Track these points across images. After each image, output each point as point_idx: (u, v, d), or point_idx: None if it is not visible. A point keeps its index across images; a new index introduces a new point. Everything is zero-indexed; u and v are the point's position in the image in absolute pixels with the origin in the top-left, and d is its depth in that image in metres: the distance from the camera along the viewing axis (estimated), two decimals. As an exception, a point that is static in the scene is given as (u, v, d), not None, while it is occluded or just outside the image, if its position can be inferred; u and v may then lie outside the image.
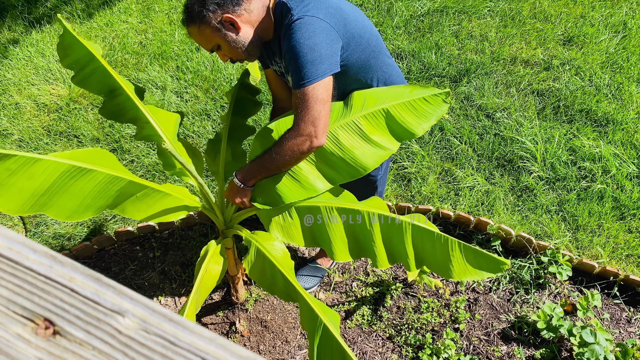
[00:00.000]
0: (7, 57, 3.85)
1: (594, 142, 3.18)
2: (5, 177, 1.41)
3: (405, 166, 3.12)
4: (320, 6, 1.57)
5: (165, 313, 0.34)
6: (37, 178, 1.47)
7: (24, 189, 1.45)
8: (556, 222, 2.84)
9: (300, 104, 1.55)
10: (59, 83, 3.68)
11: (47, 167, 1.48)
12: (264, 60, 1.93)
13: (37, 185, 1.47)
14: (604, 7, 4.04)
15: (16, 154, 1.42)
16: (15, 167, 1.42)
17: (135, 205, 1.73)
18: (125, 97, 1.89)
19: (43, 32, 4.03)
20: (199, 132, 3.34)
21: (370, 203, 1.73)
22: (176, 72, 3.70)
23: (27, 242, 0.37)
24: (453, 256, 1.60)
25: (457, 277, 1.62)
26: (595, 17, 3.96)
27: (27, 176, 1.45)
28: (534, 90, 3.51)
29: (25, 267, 0.36)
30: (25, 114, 3.50)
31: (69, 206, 1.54)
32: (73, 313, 0.34)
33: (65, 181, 1.52)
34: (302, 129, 1.56)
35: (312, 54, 1.50)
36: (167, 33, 3.96)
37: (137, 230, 2.86)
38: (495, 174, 3.08)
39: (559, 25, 3.92)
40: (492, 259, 1.57)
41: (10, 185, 1.43)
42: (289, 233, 1.81)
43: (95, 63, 1.86)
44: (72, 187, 1.54)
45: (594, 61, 3.63)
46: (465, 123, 3.33)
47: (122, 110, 1.91)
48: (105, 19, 4.09)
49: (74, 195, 1.55)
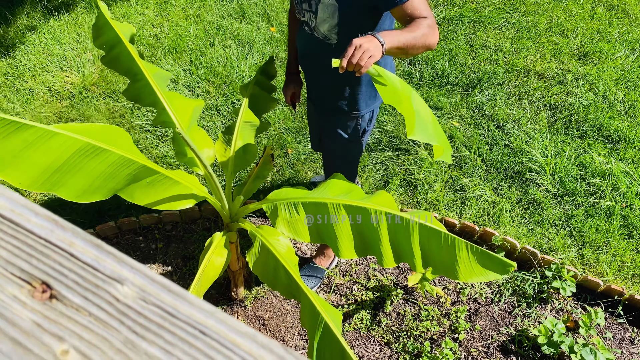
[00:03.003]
0: (24, 43, 3.88)
1: (604, 159, 3.15)
2: (20, 149, 1.40)
3: (412, 171, 3.10)
4: None
5: (165, 283, 0.33)
6: (53, 153, 1.46)
7: (38, 163, 1.44)
8: (562, 237, 2.82)
9: (418, 8, 1.62)
10: (73, 71, 3.70)
11: (63, 143, 1.47)
12: None
13: (51, 161, 1.46)
14: (621, 24, 4.02)
15: (34, 125, 1.42)
16: (32, 139, 1.42)
17: (145, 190, 1.73)
18: (145, 82, 1.89)
19: (60, 20, 4.06)
20: (208, 127, 3.35)
21: (378, 200, 1.72)
22: (189, 67, 3.71)
23: (30, 204, 0.37)
24: (460, 257, 1.58)
25: (462, 278, 1.61)
26: (612, 34, 3.94)
27: (42, 150, 1.44)
28: (546, 103, 3.49)
29: (26, 230, 0.35)
30: (38, 100, 3.52)
31: (79, 186, 1.54)
32: (71, 278, 0.33)
33: (79, 159, 1.52)
34: (436, 32, 1.63)
35: None
36: (183, 27, 3.97)
37: (141, 220, 2.86)
38: (503, 185, 3.06)
39: (574, 39, 3.90)
40: (499, 260, 1.56)
41: (25, 158, 1.42)
42: (295, 228, 1.80)
43: (121, 46, 1.88)
44: (85, 167, 1.53)
45: (609, 77, 3.61)
46: (475, 132, 3.31)
47: (142, 94, 1.92)
48: (123, 10, 4.11)
49: (86, 175, 1.54)
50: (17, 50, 3.83)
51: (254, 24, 4.01)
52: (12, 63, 3.75)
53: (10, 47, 3.85)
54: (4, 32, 3.96)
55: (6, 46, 3.86)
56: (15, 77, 3.66)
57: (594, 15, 4.09)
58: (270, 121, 3.37)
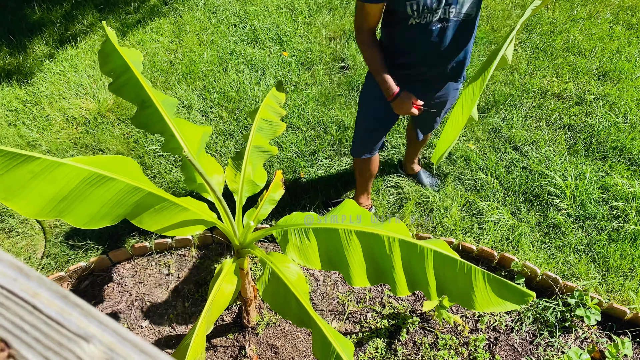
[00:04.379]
0: (42, 71, 3.95)
1: (627, 181, 3.05)
2: (27, 180, 1.41)
3: (427, 195, 3.04)
4: None
5: (135, 342, 0.29)
6: (59, 182, 1.46)
7: (45, 193, 1.45)
8: (585, 262, 2.72)
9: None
10: (89, 97, 3.75)
11: (69, 172, 1.48)
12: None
13: (57, 190, 1.46)
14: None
15: (40, 156, 1.42)
16: (38, 170, 1.42)
17: (153, 217, 1.71)
18: (153, 109, 1.89)
19: (78, 48, 4.13)
20: (222, 152, 3.34)
21: (390, 227, 1.67)
22: (203, 92, 3.73)
23: (-6, 250, 0.33)
24: (476, 286, 1.52)
25: (479, 307, 1.54)
26: (631, 53, 3.86)
27: (49, 180, 1.44)
28: (565, 124, 3.42)
29: (-14, 279, 0.31)
30: (54, 126, 3.56)
31: (87, 213, 1.53)
32: (32, 335, 0.30)
33: (86, 188, 1.51)
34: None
35: None
36: (197, 53, 4.01)
37: (154, 246, 2.84)
38: (522, 209, 2.98)
39: (593, 59, 3.83)
40: (517, 290, 1.49)
41: (32, 188, 1.43)
42: (306, 255, 1.76)
43: (129, 73, 1.88)
44: (92, 195, 1.53)
45: (630, 97, 3.53)
46: (492, 155, 3.24)
47: (150, 121, 1.92)
48: (138, 37, 4.17)
49: (93, 202, 1.54)
50: (35, 78, 3.90)
51: (267, 49, 4.03)
52: (30, 90, 3.81)
53: (28, 75, 3.92)
54: (23, 60, 4.04)
55: (25, 74, 3.94)
56: (33, 104, 3.72)
57: (612, 34, 4.03)
58: (282, 145, 3.35)
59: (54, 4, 4.52)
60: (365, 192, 2.90)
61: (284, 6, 4.41)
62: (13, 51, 4.13)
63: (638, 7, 4.23)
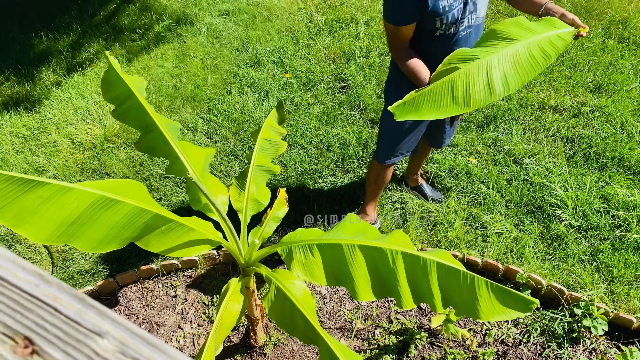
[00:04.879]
0: (49, 98, 4.04)
1: (627, 190, 3.07)
2: (37, 205, 1.44)
3: (431, 210, 3.07)
4: None
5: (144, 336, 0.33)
6: (68, 207, 1.49)
7: (54, 218, 1.48)
8: (589, 272, 2.73)
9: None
10: (95, 123, 3.83)
11: (78, 197, 1.51)
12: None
13: (66, 214, 1.49)
14: (633, 56, 4.00)
15: (49, 182, 1.46)
16: (47, 195, 1.46)
17: (160, 238, 1.75)
18: (158, 133, 1.94)
19: (84, 75, 4.23)
20: (227, 172, 3.39)
21: (394, 239, 1.70)
22: (207, 114, 3.80)
23: (18, 260, 0.37)
24: (480, 295, 1.54)
25: (484, 317, 1.56)
26: (624, 65, 3.92)
27: (58, 205, 1.47)
28: (563, 136, 3.46)
29: (12, 285, 0.35)
30: (61, 152, 3.63)
31: (95, 237, 1.56)
32: (53, 333, 0.33)
33: (94, 212, 1.55)
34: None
35: None
36: (200, 77, 4.09)
37: (160, 268, 2.87)
38: (525, 221, 3.00)
39: (587, 72, 3.89)
40: (520, 297, 1.51)
41: (42, 214, 1.46)
42: (311, 271, 1.78)
43: (133, 99, 1.94)
44: (100, 218, 1.56)
45: (625, 108, 3.57)
46: (493, 168, 3.28)
47: (155, 145, 1.97)
48: (143, 63, 4.27)
49: (100, 226, 1.57)
50: (42, 105, 3.98)
51: (269, 71, 4.11)
52: (38, 118, 3.89)
53: (36, 103, 4.01)
54: (30, 89, 4.14)
55: (32, 102, 4.03)
56: (41, 130, 3.80)
57: (605, 48, 4.09)
58: (286, 163, 3.40)
59: (61, 34, 4.64)
60: (374, 202, 2.95)
61: (285, 30, 4.51)
62: (21, 80, 4.23)
63: (629, 21, 4.31)
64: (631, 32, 4.21)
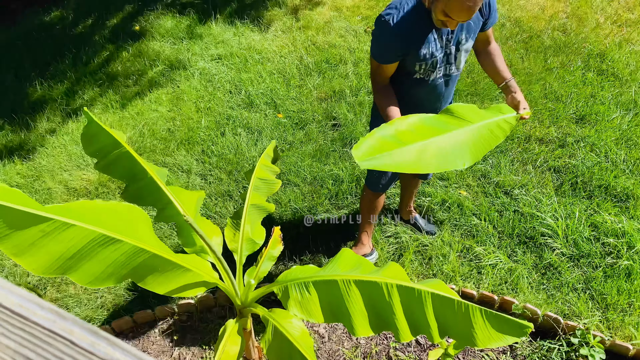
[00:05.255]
0: (43, 146, 4.09)
1: (615, 218, 3.13)
2: (38, 238, 1.47)
3: (425, 243, 3.10)
4: None
5: (153, 363, 0.36)
6: (68, 242, 1.52)
7: (53, 251, 1.50)
8: (584, 300, 2.75)
9: (491, 33, 2.32)
10: (90, 169, 3.87)
11: (78, 233, 1.54)
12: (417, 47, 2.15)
13: (66, 249, 1.52)
14: (613, 87, 4.14)
15: (53, 217, 1.48)
16: (49, 229, 1.48)
17: (157, 279, 1.76)
18: (147, 181, 1.98)
19: (79, 122, 4.30)
20: (221, 213, 3.42)
21: (388, 272, 1.73)
22: (201, 156, 3.86)
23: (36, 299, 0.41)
24: (475, 323, 1.56)
25: (481, 344, 1.58)
26: (605, 96, 4.05)
27: (58, 240, 1.50)
28: (550, 167, 3.54)
29: (32, 322, 0.39)
30: (55, 199, 3.66)
31: (92, 272, 1.58)
32: (71, 364, 0.37)
33: (93, 248, 1.57)
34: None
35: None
36: (194, 120, 4.18)
37: (156, 312, 2.86)
38: (518, 251, 3.04)
39: (569, 104, 4.01)
40: (515, 322, 1.54)
41: (41, 247, 1.48)
42: (308, 309, 1.80)
43: (120, 149, 1.98)
44: (99, 255, 1.58)
45: (608, 138, 3.67)
46: (484, 200, 3.34)
47: (144, 193, 2.00)
48: (137, 108, 4.36)
49: (99, 262, 1.59)
50: (37, 153, 4.03)
51: (262, 112, 4.20)
52: (32, 165, 3.93)
53: (30, 151, 4.06)
54: (25, 137, 4.20)
55: (27, 150, 4.08)
56: (35, 178, 3.83)
57: (585, 80, 4.23)
58: (280, 202, 3.45)
59: (55, 82, 4.74)
60: (369, 231, 3.00)
61: (276, 72, 4.64)
62: (15, 129, 4.29)
63: (606, 54, 4.48)
64: (609, 64, 4.37)
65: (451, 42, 2.16)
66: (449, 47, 2.18)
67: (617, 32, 4.75)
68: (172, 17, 5.43)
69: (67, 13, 5.80)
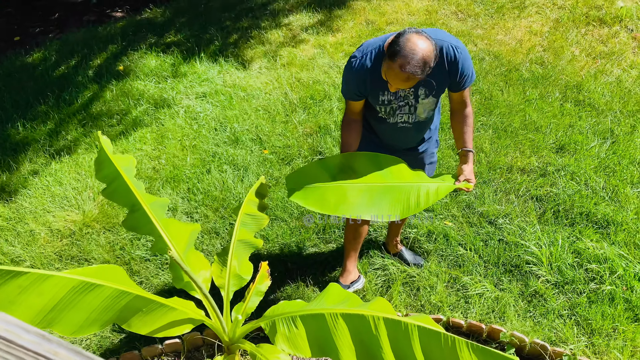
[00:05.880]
0: (26, 187, 4.06)
1: (597, 244, 3.18)
2: (15, 295, 1.46)
3: (413, 275, 3.11)
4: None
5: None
6: (47, 294, 1.51)
7: (33, 306, 1.49)
8: (570, 326, 2.76)
9: (468, 93, 2.37)
10: (74, 209, 3.84)
11: (57, 283, 1.53)
12: (376, 93, 2.29)
13: (46, 302, 1.51)
14: (590, 117, 4.27)
15: (28, 271, 1.48)
16: (26, 284, 1.47)
17: (141, 319, 1.75)
18: (142, 212, 1.99)
19: (62, 162, 4.29)
20: (208, 250, 3.41)
21: (375, 306, 1.73)
22: (187, 194, 3.86)
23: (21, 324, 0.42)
24: (462, 357, 1.56)
25: None
26: (583, 126, 4.17)
27: (37, 293, 1.49)
28: (532, 196, 3.60)
29: (19, 345, 0.40)
30: (39, 241, 3.61)
31: (75, 321, 1.57)
32: (57, 385, 0.38)
33: (74, 297, 1.56)
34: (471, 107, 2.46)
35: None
36: (179, 158, 4.20)
37: (143, 353, 2.80)
38: (504, 280, 3.06)
39: (549, 134, 4.12)
40: (501, 356, 1.54)
41: (20, 303, 1.47)
42: (295, 344, 1.79)
43: (119, 180, 2.01)
44: (80, 303, 1.58)
45: (587, 166, 3.76)
46: (469, 230, 3.37)
47: (139, 223, 2.02)
48: (122, 147, 4.37)
49: (81, 310, 1.58)
50: (19, 195, 4.00)
51: (248, 148, 4.24)
52: (14, 207, 3.89)
53: (12, 193, 4.03)
54: (7, 179, 4.17)
55: (9, 192, 4.04)
56: (17, 220, 3.79)
57: (563, 111, 4.36)
58: (268, 237, 3.44)
59: (38, 123, 4.74)
60: (354, 258, 3.01)
61: (262, 108, 4.70)
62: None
63: (582, 85, 4.63)
64: (585, 95, 4.52)
65: (411, 96, 2.28)
66: (408, 99, 2.30)
67: (592, 64, 4.93)
68: (156, 57, 5.52)
69: (50, 54, 5.86)
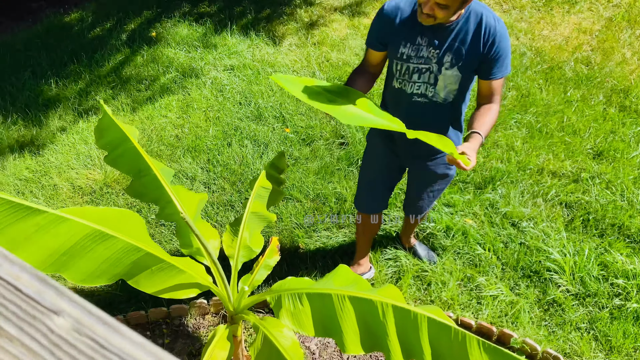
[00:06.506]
0: (53, 143, 4.10)
1: (627, 259, 3.04)
2: (32, 232, 1.45)
3: (425, 269, 3.03)
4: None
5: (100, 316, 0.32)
6: (62, 237, 1.50)
7: (47, 246, 1.48)
8: (587, 341, 2.65)
9: (499, 89, 2.05)
10: (96, 168, 3.86)
11: (72, 227, 1.52)
12: (399, 38, 2.05)
13: (60, 244, 1.50)
14: (635, 124, 4.06)
15: (47, 210, 1.47)
16: (43, 223, 1.47)
17: (150, 278, 1.73)
18: (151, 177, 1.96)
19: (89, 122, 4.31)
20: (222, 222, 3.38)
21: (385, 292, 1.67)
22: (207, 165, 3.84)
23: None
24: (471, 354, 1.50)
25: None
26: (626, 133, 3.98)
27: (52, 234, 1.48)
28: (562, 201, 3.46)
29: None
30: (61, 195, 3.64)
31: (85, 270, 1.56)
32: (11, 310, 0.33)
33: (87, 244, 1.55)
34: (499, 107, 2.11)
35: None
36: (202, 128, 4.17)
37: (149, 315, 2.80)
38: (521, 284, 2.96)
39: (587, 139, 3.94)
40: (512, 357, 1.46)
41: (35, 241, 1.46)
42: (299, 321, 1.75)
43: (127, 144, 1.97)
44: (92, 252, 1.57)
45: (626, 176, 3.59)
46: (490, 230, 3.27)
47: (147, 189, 1.98)
48: (147, 113, 4.37)
49: (92, 259, 1.57)
50: (46, 149, 4.04)
51: (270, 126, 4.19)
52: (41, 161, 3.93)
53: (40, 147, 4.07)
54: (36, 133, 4.21)
55: (37, 145, 4.09)
56: (42, 173, 3.83)
57: (606, 116, 4.16)
58: (281, 216, 3.40)
59: (70, 82, 4.78)
60: (365, 251, 2.94)
61: (289, 87, 4.64)
62: (28, 124, 4.31)
63: (630, 90, 4.41)
64: (633, 101, 4.30)
65: (434, 59, 2.00)
66: (430, 64, 2.01)
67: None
68: (189, 26, 5.49)
69: (87, 15, 5.88)
